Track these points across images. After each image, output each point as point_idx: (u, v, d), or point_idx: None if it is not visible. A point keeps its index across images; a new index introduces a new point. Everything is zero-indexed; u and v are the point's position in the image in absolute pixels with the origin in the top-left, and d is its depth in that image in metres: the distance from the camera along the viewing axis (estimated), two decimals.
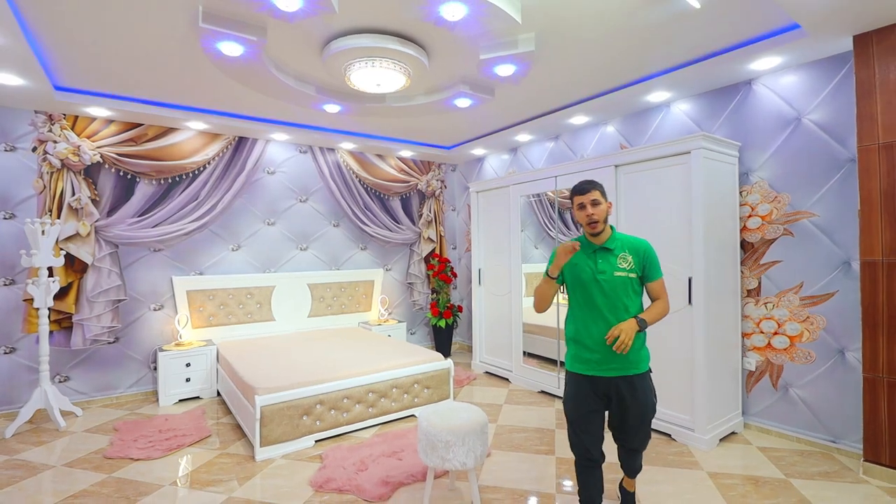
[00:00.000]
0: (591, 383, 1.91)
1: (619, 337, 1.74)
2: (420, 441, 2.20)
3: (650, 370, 2.00)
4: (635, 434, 1.98)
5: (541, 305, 1.97)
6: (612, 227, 1.97)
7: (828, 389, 2.88)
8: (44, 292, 3.36)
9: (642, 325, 1.81)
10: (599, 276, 1.87)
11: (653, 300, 1.96)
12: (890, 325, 2.42)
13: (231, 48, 2.63)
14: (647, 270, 1.93)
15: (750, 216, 3.21)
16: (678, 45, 2.87)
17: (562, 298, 2.30)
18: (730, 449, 2.94)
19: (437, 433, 2.10)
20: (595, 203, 1.89)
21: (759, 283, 3.18)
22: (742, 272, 3.25)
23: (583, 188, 1.91)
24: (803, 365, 2.99)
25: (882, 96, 2.46)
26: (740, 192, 3.25)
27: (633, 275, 1.89)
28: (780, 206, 3.08)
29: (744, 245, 3.25)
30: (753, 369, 3.21)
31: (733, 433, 3.15)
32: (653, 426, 3.15)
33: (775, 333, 3.11)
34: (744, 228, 3.24)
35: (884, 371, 2.45)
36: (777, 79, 3.11)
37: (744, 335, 3.25)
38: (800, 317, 2.99)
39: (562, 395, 3.91)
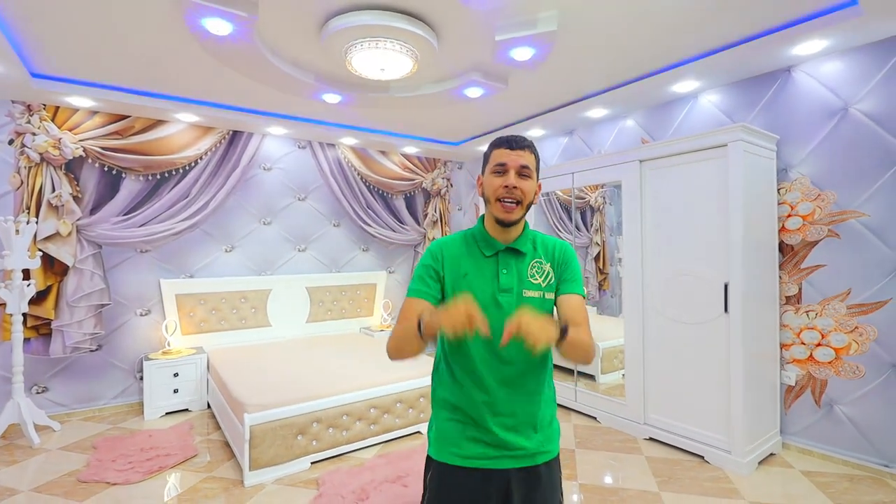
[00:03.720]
0: (477, 484, 1.13)
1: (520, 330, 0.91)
2: None
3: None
4: None
5: (398, 356, 1.16)
6: (526, 225, 1.25)
7: (879, 407, 2.60)
8: (17, 297, 3.08)
9: (562, 335, 0.99)
10: (502, 296, 1.14)
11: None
12: None
13: (218, 25, 2.36)
14: (563, 280, 1.20)
15: (789, 216, 2.93)
16: (714, 27, 2.59)
17: None
18: (770, 473, 2.65)
19: None
20: (524, 172, 1.14)
21: (800, 289, 2.89)
22: (780, 277, 2.96)
23: (513, 141, 1.15)
24: (851, 380, 2.70)
25: None
26: (778, 190, 2.97)
27: (549, 294, 1.18)
28: (825, 205, 2.79)
29: (782, 248, 2.97)
30: (793, 384, 2.92)
31: (771, 454, 2.86)
32: (685, 447, 2.91)
33: (818, 345, 2.82)
34: (782, 229, 2.96)
35: None
36: (819, 65, 2.83)
37: (782, 346, 2.97)
38: (847, 327, 2.71)
39: (579, 408, 3.62)
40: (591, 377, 3.73)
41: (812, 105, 2.86)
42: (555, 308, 1.20)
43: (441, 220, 5.69)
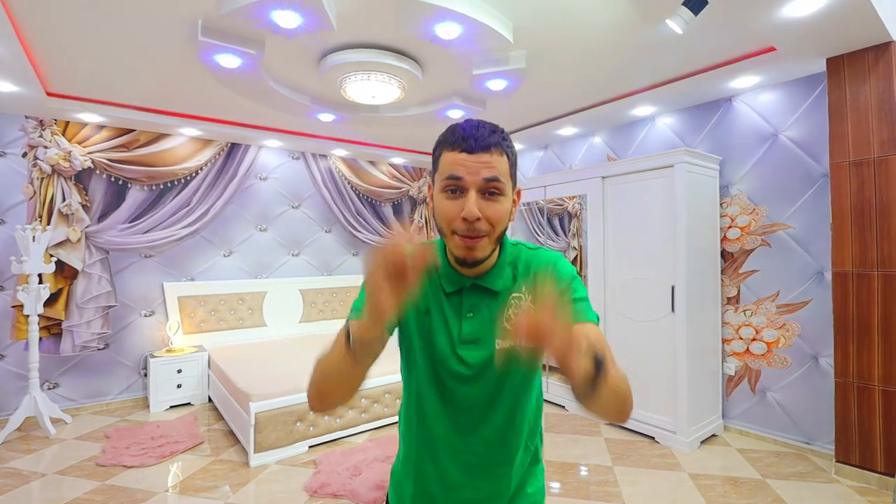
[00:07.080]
0: None
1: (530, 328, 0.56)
2: None
3: None
4: None
5: (323, 398, 0.84)
6: (505, 239, 0.86)
7: (802, 393, 3.02)
8: (34, 299, 3.34)
9: (597, 368, 0.62)
10: (463, 350, 0.83)
11: None
12: (859, 333, 2.56)
13: (229, 60, 2.68)
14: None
15: (730, 227, 3.35)
16: (661, 64, 2.99)
17: None
18: (710, 451, 3.06)
19: None
20: (492, 188, 0.76)
21: (739, 291, 3.31)
22: (722, 281, 3.38)
23: (471, 138, 0.75)
24: (779, 370, 3.12)
25: (852, 116, 2.60)
26: (721, 204, 3.38)
27: None
28: (758, 218, 3.22)
29: (724, 255, 3.39)
30: (733, 374, 3.34)
31: (714, 436, 3.27)
32: (637, 430, 3.31)
33: (753, 339, 3.24)
34: (724, 239, 3.38)
35: (854, 376, 2.58)
36: (756, 96, 3.26)
37: (724, 341, 3.38)
38: (776, 324, 3.13)
39: (550, 398, 4.00)
40: None
41: (749, 131, 3.28)
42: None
43: (427, 227, 6.04)
